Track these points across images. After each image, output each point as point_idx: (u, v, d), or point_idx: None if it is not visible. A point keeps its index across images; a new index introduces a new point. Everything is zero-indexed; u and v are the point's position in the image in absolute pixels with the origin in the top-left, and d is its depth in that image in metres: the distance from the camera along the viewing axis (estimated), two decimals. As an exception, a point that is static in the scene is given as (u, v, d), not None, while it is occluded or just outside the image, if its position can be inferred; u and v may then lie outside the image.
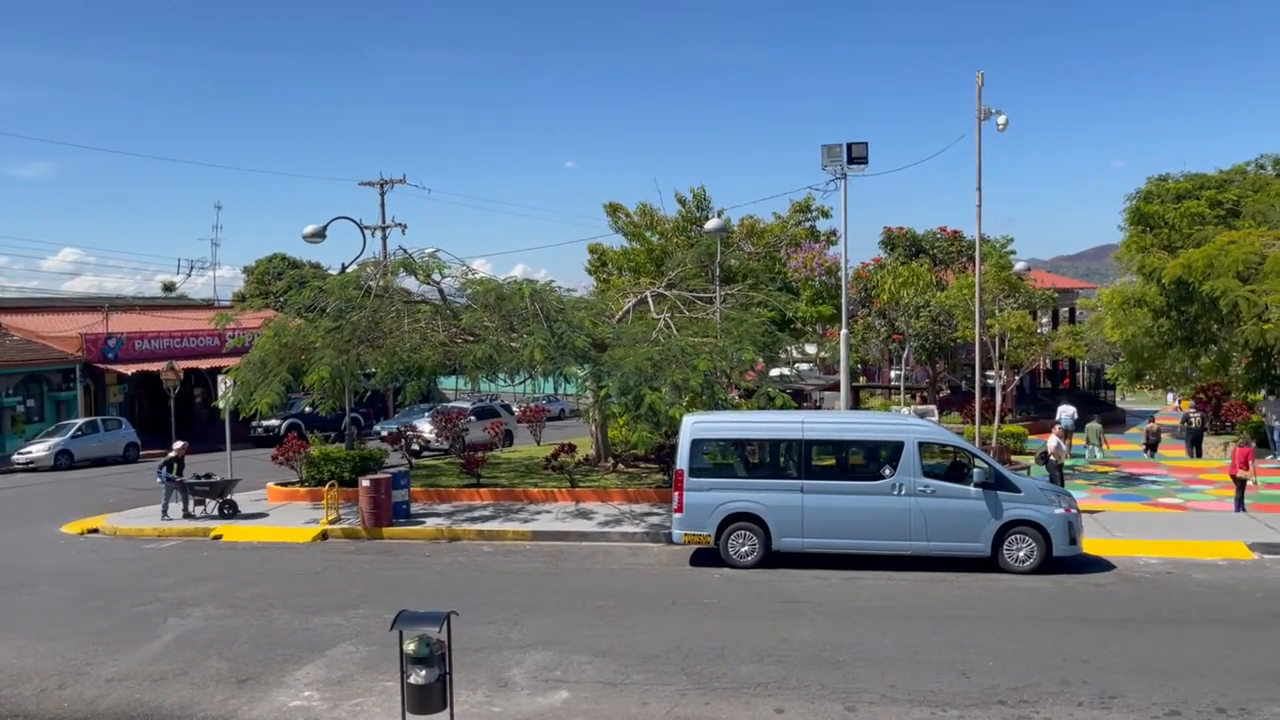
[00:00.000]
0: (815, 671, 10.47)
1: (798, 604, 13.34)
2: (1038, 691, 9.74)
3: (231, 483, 21.13)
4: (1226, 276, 24.52)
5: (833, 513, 15.38)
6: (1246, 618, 12.42)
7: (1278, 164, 31.37)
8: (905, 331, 32.20)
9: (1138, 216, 32.24)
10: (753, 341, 21.09)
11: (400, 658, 8.13)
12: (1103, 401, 44.95)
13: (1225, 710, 9.17)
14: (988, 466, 15.49)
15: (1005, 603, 13.38)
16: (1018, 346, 26.03)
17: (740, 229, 31.45)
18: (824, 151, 21.71)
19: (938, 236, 35.65)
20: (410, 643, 8.09)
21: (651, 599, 13.78)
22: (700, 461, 16.18)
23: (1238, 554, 16.02)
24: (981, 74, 21.04)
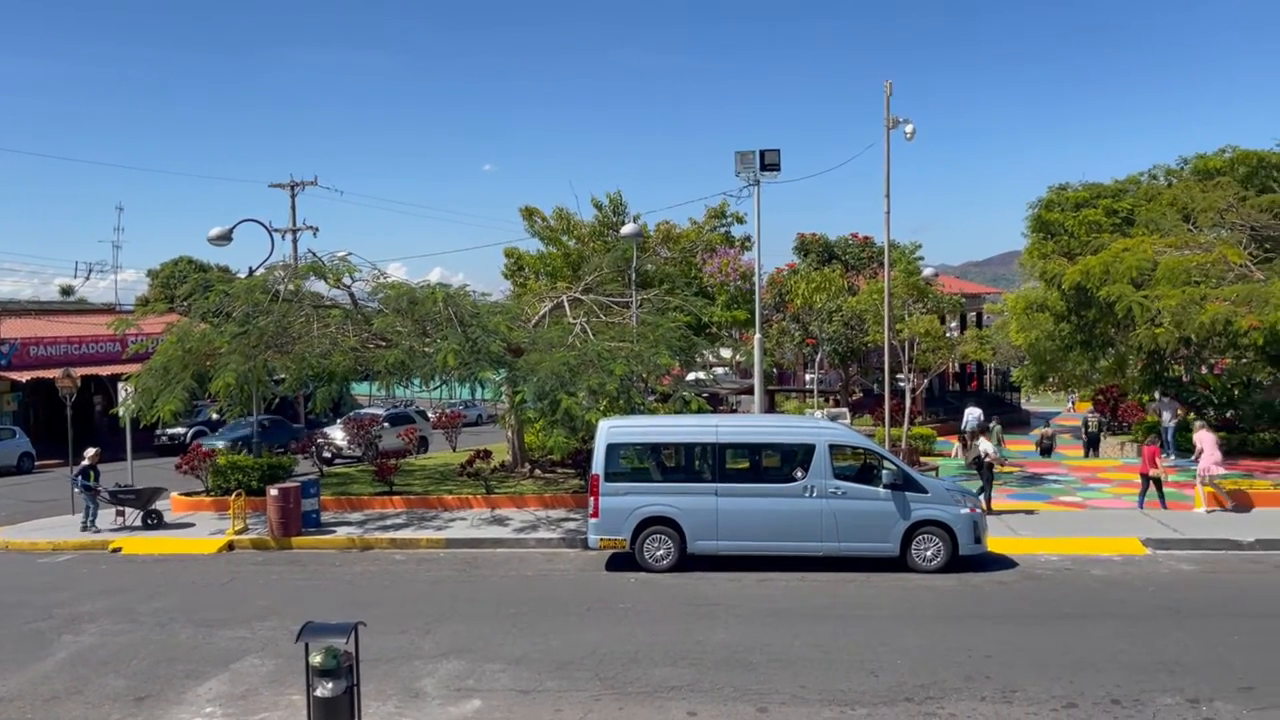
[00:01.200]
0: (728, 673, 10.55)
1: (712, 606, 13.43)
2: (943, 688, 9.97)
3: (157, 491, 20.45)
4: (1122, 282, 25.48)
5: (746, 515, 15.55)
6: (1140, 612, 12.90)
7: (1169, 175, 32.71)
8: (819, 336, 32.74)
9: (1039, 224, 33.31)
10: (669, 346, 21.18)
11: (306, 670, 7.94)
12: (1008, 403, 46.35)
13: (1119, 702, 9.51)
14: (896, 468, 15.82)
15: (913, 602, 13.66)
16: (926, 350, 26.62)
17: (656, 234, 31.57)
18: (738, 158, 21.95)
19: (849, 242, 36.35)
20: (316, 655, 7.90)
21: (566, 605, 13.73)
22: (616, 466, 16.19)
23: (1133, 550, 16.65)
24: (890, 84, 21.50)
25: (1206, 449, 19.81)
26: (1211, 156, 30.64)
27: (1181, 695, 9.62)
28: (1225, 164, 29.70)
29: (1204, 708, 9.31)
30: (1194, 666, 10.46)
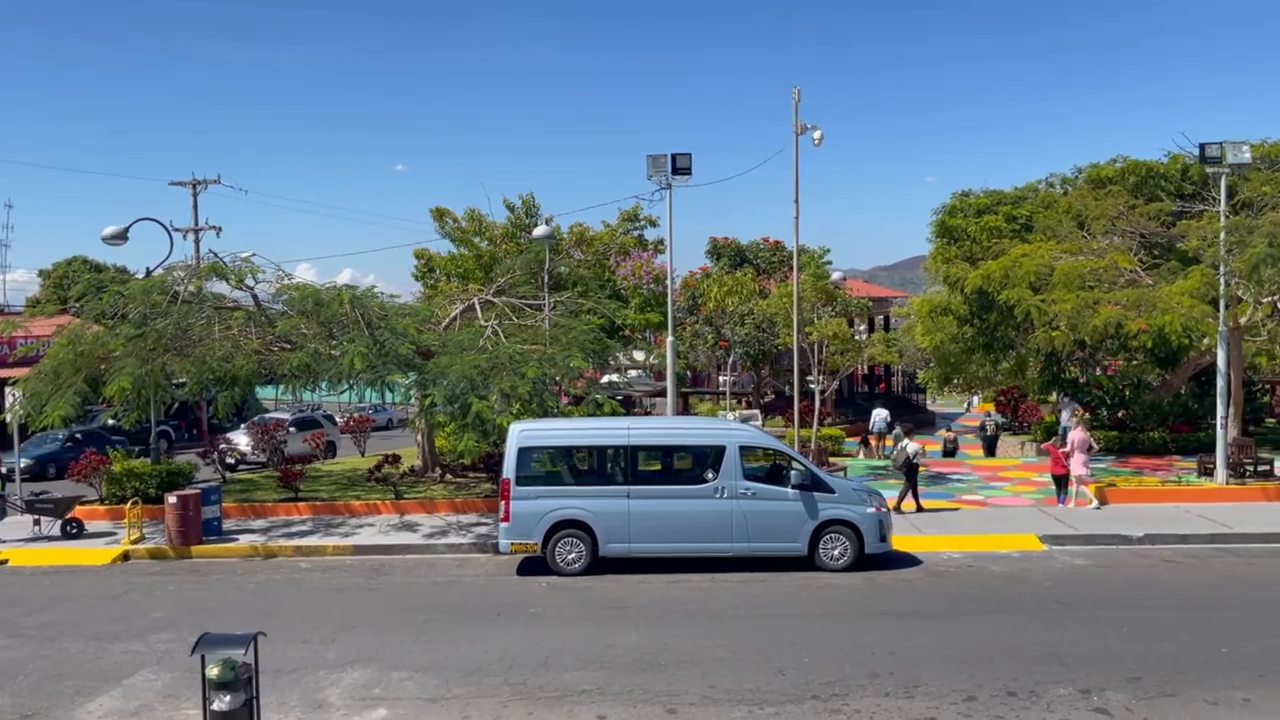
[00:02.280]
0: (638, 676, 10.56)
1: (623, 609, 13.44)
2: (848, 684, 10.14)
3: (75, 499, 19.58)
4: (1021, 287, 26.31)
5: (658, 517, 15.61)
6: (1036, 606, 13.33)
7: (1065, 183, 33.91)
8: (731, 338, 33.09)
9: (943, 229, 34.20)
10: (582, 348, 21.14)
11: (202, 683, 7.70)
12: (914, 404, 47.47)
13: (1016, 694, 9.80)
14: (805, 469, 16.06)
15: (821, 600, 13.88)
16: (835, 353, 27.12)
17: (570, 236, 31.54)
18: (649, 161, 22.01)
19: (761, 247, 36.83)
20: (213, 667, 7.68)
21: (477, 610, 13.59)
22: (527, 470, 16.09)
23: (1030, 546, 17.20)
24: (798, 90, 21.85)
25: (1077, 450, 20.62)
26: (1104, 166, 31.86)
27: (1074, 686, 9.96)
28: (1117, 173, 30.91)
29: (1095, 697, 9.65)
30: (1086, 658, 10.84)
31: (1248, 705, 9.40)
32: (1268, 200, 22.61)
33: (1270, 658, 10.75)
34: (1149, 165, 30.89)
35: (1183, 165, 29.92)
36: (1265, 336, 27.11)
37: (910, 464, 20.59)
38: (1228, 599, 13.58)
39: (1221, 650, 11.03)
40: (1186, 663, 10.63)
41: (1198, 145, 21.63)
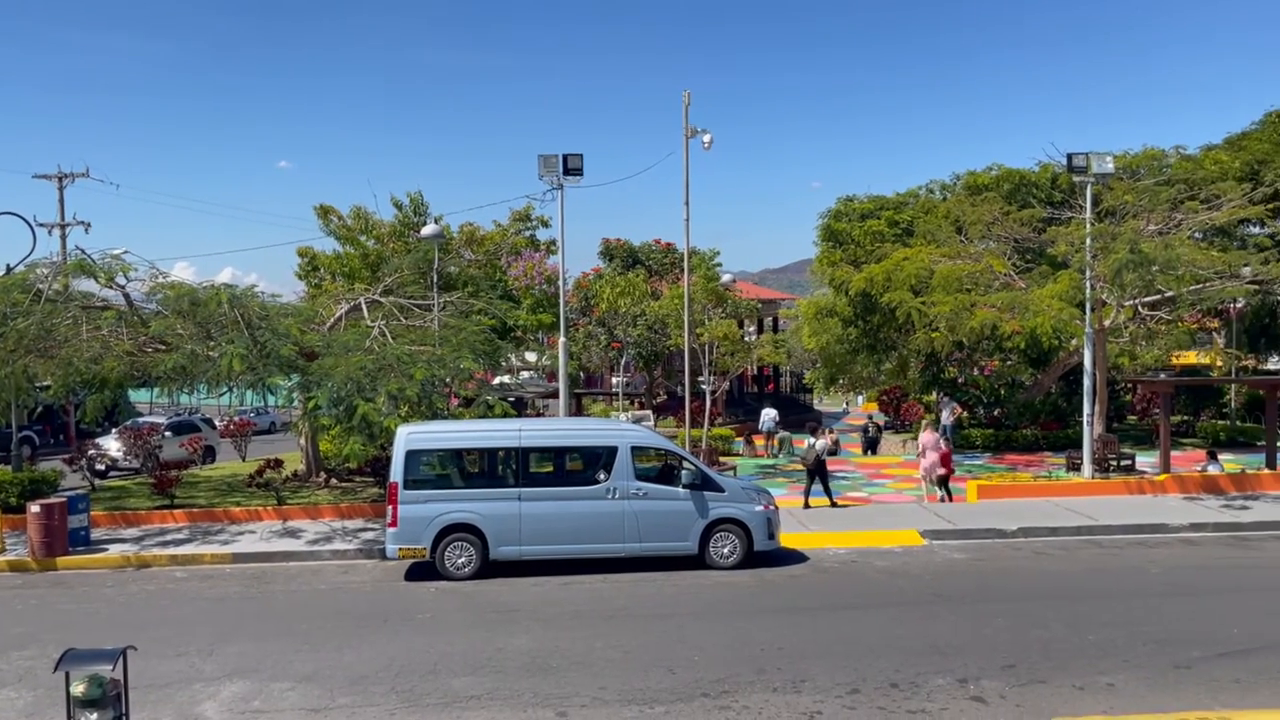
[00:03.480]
0: (529, 679, 10.48)
1: (514, 613, 13.33)
2: (737, 681, 10.27)
3: None
4: (902, 290, 27.15)
5: (550, 519, 15.54)
6: (917, 599, 13.75)
7: (944, 189, 35.14)
8: (624, 340, 33.20)
9: (829, 233, 35.07)
10: (472, 350, 20.87)
11: (67, 702, 7.32)
12: (802, 404, 48.51)
13: (898, 685, 10.08)
14: (695, 469, 16.21)
15: (711, 598, 14.02)
16: (726, 354, 27.50)
17: (460, 236, 31.13)
18: (541, 161, 21.91)
19: (653, 248, 37.06)
20: (79, 684, 7.31)
21: (363, 618, 13.27)
22: (416, 473, 15.82)
23: (911, 541, 17.75)
24: (688, 93, 22.08)
25: (928, 450, 21.47)
26: (981, 173, 33.15)
27: (952, 676, 10.30)
28: (992, 180, 32.20)
29: (972, 686, 10.00)
30: (963, 648, 11.23)
31: (1111, 689, 9.88)
32: (1129, 209, 23.84)
33: (1132, 644, 11.32)
34: (1021, 173, 32.28)
35: (1052, 174, 31.37)
36: (1127, 338, 28.61)
37: (819, 461, 21.10)
38: (1094, 589, 14.26)
39: (1088, 638, 11.57)
40: (1056, 650, 11.11)
41: (1065, 155, 22.71)
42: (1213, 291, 24.02)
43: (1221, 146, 33.93)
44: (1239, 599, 13.44)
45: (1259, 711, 9.09)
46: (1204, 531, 18.34)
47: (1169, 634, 11.65)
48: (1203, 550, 16.89)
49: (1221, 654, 10.89)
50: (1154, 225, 23.54)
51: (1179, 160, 31.23)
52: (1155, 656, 10.84)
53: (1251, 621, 12.16)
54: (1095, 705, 9.43)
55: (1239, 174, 29.22)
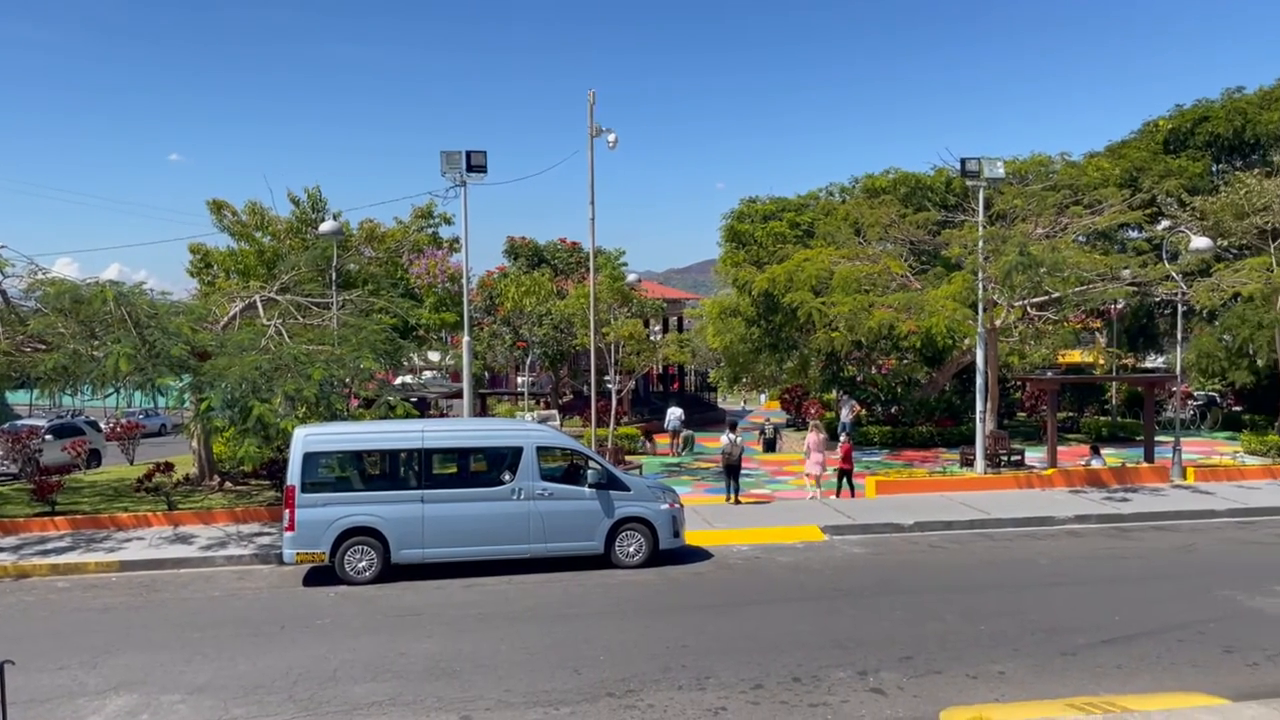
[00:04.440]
0: (432, 684, 10.32)
1: (417, 616, 13.11)
2: (643, 680, 10.29)
3: None
4: (803, 290, 27.64)
5: (454, 521, 15.34)
6: (818, 594, 14.00)
7: (843, 192, 35.90)
8: (529, 339, 32.99)
9: (732, 234, 35.49)
10: (373, 349, 20.44)
11: (-66, 724, 6.90)
12: (706, 403, 48.94)
13: (800, 679, 10.24)
14: (601, 468, 16.20)
15: (616, 598, 14.03)
16: (631, 353, 27.57)
17: (360, 233, 30.47)
18: (444, 158, 21.62)
19: (558, 247, 36.93)
20: (-52, 705, 6.90)
21: (258, 625, 12.88)
22: (314, 476, 15.43)
23: (813, 537, 18.07)
24: (593, 93, 22.02)
25: (813, 450, 22.09)
26: (878, 176, 33.96)
27: (853, 669, 10.51)
28: (890, 184, 33.03)
29: (871, 678, 10.23)
30: (863, 641, 11.47)
31: (1002, 677, 10.22)
32: (1018, 212, 24.72)
33: (1022, 633, 11.74)
34: (918, 177, 33.19)
35: (946, 178, 32.34)
36: (1017, 337, 29.69)
37: (740, 457, 21.59)
38: (986, 580, 14.74)
39: (981, 628, 11.96)
40: (951, 641, 11.45)
41: (959, 160, 23.42)
42: (1096, 293, 25.10)
43: (1103, 154, 35.52)
44: (1121, 587, 14.06)
45: (1139, 695, 9.51)
46: (1088, 523, 19.14)
47: (1056, 623, 12.12)
48: (1087, 541, 17.62)
49: (1105, 641, 11.37)
50: (1042, 229, 24.47)
51: (1065, 166, 32.55)
52: (1043, 644, 11.26)
53: (1132, 609, 12.73)
54: (987, 693, 9.74)
55: (1119, 180, 30.60)
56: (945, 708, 9.31)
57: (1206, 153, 34.60)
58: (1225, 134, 33.80)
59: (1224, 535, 17.97)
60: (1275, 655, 10.79)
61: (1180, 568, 15.39)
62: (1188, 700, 9.17)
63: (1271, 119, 32.47)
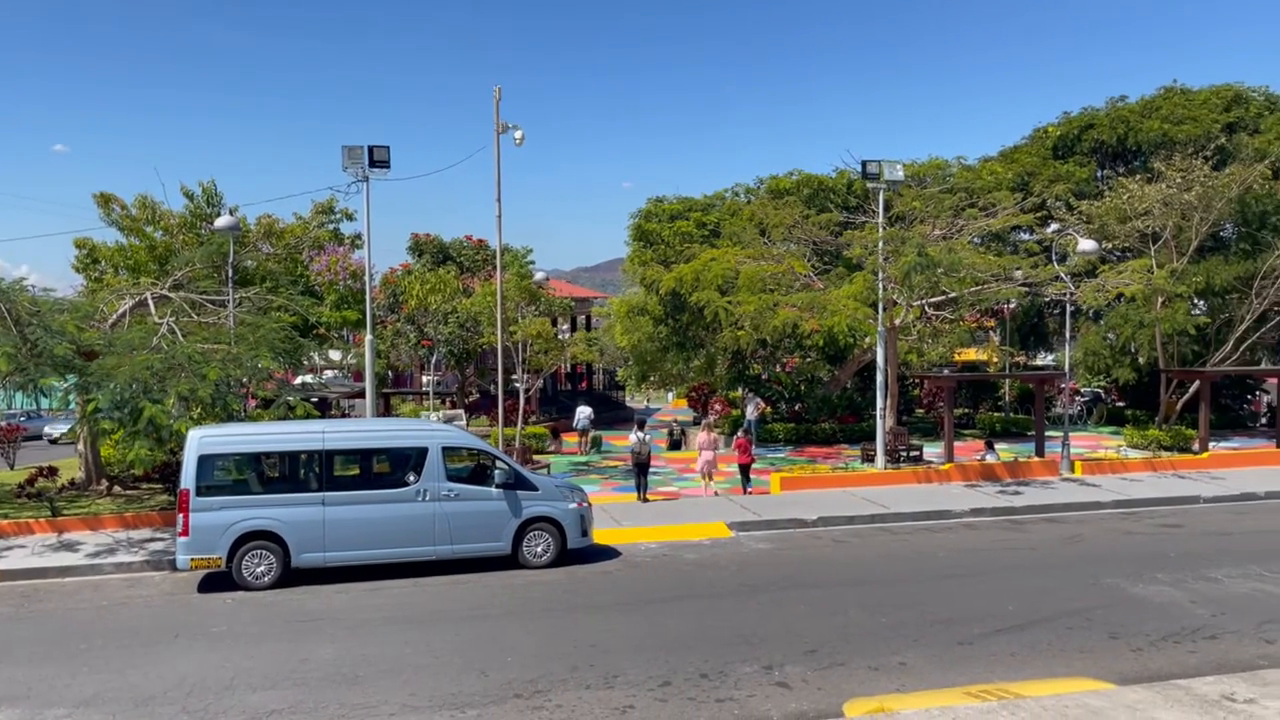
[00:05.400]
0: (334, 690, 10.09)
1: (318, 621, 12.80)
2: (551, 680, 10.24)
3: None
4: (710, 289, 27.90)
5: (356, 524, 15.03)
6: (725, 590, 14.14)
7: (748, 193, 36.34)
8: (434, 337, 32.52)
9: (640, 233, 35.62)
10: (271, 348, 19.88)
11: None
12: (615, 401, 49.04)
13: (707, 675, 10.32)
14: (508, 468, 16.07)
15: (524, 598, 13.94)
16: (539, 352, 27.41)
17: (257, 228, 29.59)
18: (345, 152, 21.17)
19: (464, 244, 36.51)
20: None
21: (150, 634, 12.40)
22: (209, 479, 14.95)
23: (719, 533, 18.25)
24: (499, 89, 21.82)
25: (704, 449, 22.54)
26: (782, 178, 34.48)
27: (759, 663, 10.65)
28: (793, 185, 33.57)
29: (776, 672, 10.37)
30: (768, 636, 11.63)
31: (903, 668, 10.47)
32: (917, 214, 25.38)
33: (921, 624, 12.06)
34: (820, 179, 33.81)
35: (848, 180, 33.02)
36: (915, 336, 30.45)
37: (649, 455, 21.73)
38: (887, 573, 15.10)
39: (882, 620, 12.24)
40: (854, 634, 11.69)
41: (860, 163, 23.96)
42: (990, 293, 25.94)
43: (997, 159, 36.73)
44: (1014, 578, 14.56)
45: (1031, 682, 9.86)
46: (983, 516, 19.77)
47: (954, 613, 12.48)
48: (983, 534, 18.20)
49: (999, 630, 11.76)
50: (939, 230, 25.17)
51: (960, 170, 33.58)
52: (942, 635, 11.59)
53: (1025, 599, 13.19)
54: (889, 684, 9.97)
55: (1011, 184, 31.70)
56: (849, 699, 9.50)
57: (1092, 158, 36.06)
58: (1109, 141, 35.27)
59: (1109, 526, 18.77)
60: (1157, 640, 11.31)
61: (1069, 558, 16.01)
62: (1076, 685, 9.54)
63: (1152, 127, 34.00)
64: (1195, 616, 12.24)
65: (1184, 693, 8.68)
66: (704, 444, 22.58)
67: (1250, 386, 36.64)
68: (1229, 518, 19.41)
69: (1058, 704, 8.49)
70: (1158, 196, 28.53)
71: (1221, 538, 17.37)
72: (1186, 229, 28.95)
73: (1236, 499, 21.27)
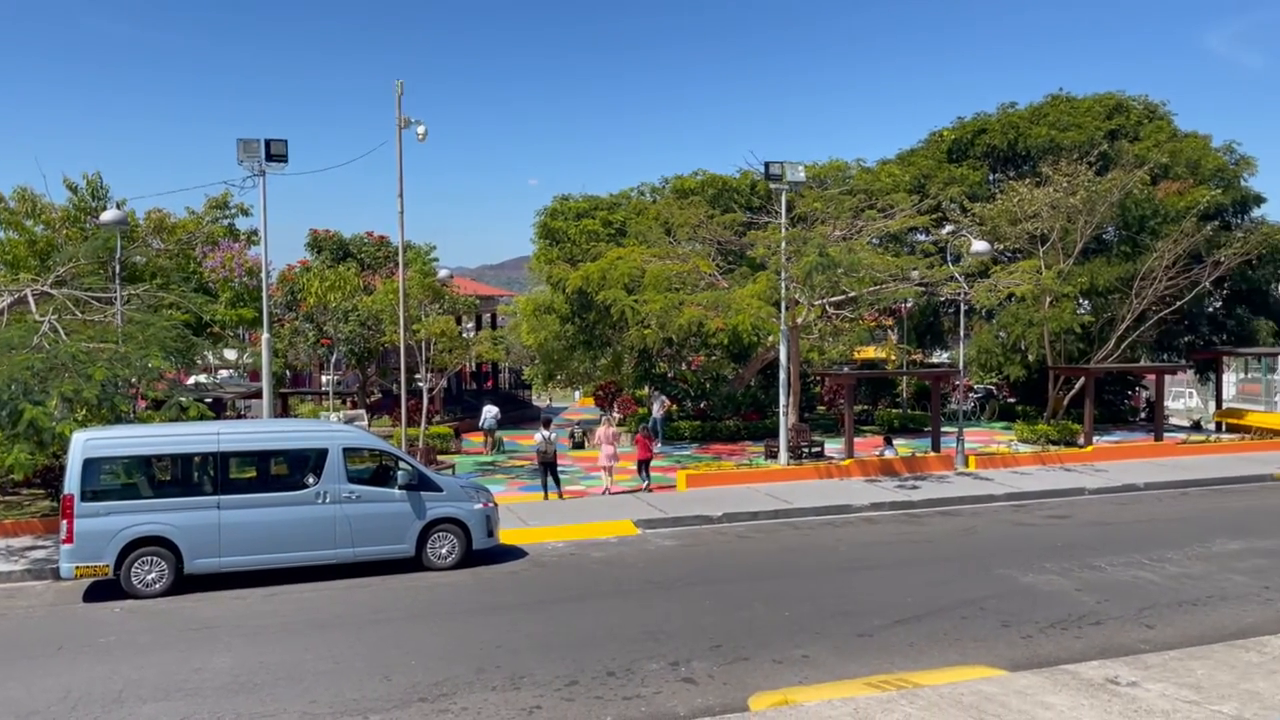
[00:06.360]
0: (230, 700, 9.79)
1: (213, 629, 12.40)
2: (456, 683, 10.13)
3: None
4: (616, 288, 27.96)
5: (253, 528, 14.61)
6: (632, 588, 14.19)
7: (654, 192, 36.52)
8: (334, 336, 31.80)
9: (546, 231, 35.48)
10: (163, 347, 19.14)
11: None
12: (521, 400, 48.71)
13: (614, 673, 10.34)
14: (412, 468, 15.82)
15: (429, 600, 13.75)
16: (443, 350, 27.05)
17: (147, 223, 28.45)
18: (240, 146, 20.53)
19: (365, 241, 35.79)
20: None
21: (31, 646, 11.84)
22: (96, 483, 14.34)
23: (626, 531, 18.31)
24: (400, 83, 21.48)
25: (604, 444, 22.77)
26: (688, 178, 34.75)
27: (665, 660, 10.72)
28: (699, 185, 33.86)
29: (683, 668, 10.46)
30: (675, 632, 11.72)
31: (806, 661, 10.67)
32: (818, 215, 25.88)
33: (823, 617, 12.31)
34: (725, 179, 34.18)
35: (751, 181, 33.46)
36: (816, 334, 31.07)
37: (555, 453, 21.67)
38: (789, 567, 15.36)
39: (785, 614, 12.45)
40: (758, 628, 11.86)
41: (764, 164, 24.29)
42: (888, 292, 26.61)
43: (895, 161, 37.68)
44: (912, 570, 14.97)
45: (928, 671, 10.15)
46: (882, 510, 20.28)
47: (855, 606, 12.77)
48: (882, 528, 18.66)
49: (898, 621, 12.08)
50: (839, 231, 25.70)
51: (860, 172, 34.34)
52: (843, 627, 11.84)
53: (922, 590, 13.58)
54: (792, 677, 10.15)
55: (909, 186, 32.56)
56: (754, 693, 9.63)
57: (985, 162, 37.27)
58: (1001, 145, 36.50)
59: (1001, 518, 19.45)
60: (1046, 627, 11.77)
61: (963, 550, 16.54)
62: (971, 673, 9.86)
63: (1040, 133, 35.30)
64: (1081, 604, 12.77)
65: (1071, 677, 9.05)
66: (604, 438, 22.69)
67: (1131, 382, 38.36)
68: (1112, 508, 20.32)
69: (953, 692, 8.75)
70: (1046, 200, 29.64)
71: (1105, 528, 18.17)
72: (1072, 231, 30.14)
73: (1118, 490, 22.28)
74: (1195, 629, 11.62)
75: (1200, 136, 35.77)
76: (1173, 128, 36.41)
